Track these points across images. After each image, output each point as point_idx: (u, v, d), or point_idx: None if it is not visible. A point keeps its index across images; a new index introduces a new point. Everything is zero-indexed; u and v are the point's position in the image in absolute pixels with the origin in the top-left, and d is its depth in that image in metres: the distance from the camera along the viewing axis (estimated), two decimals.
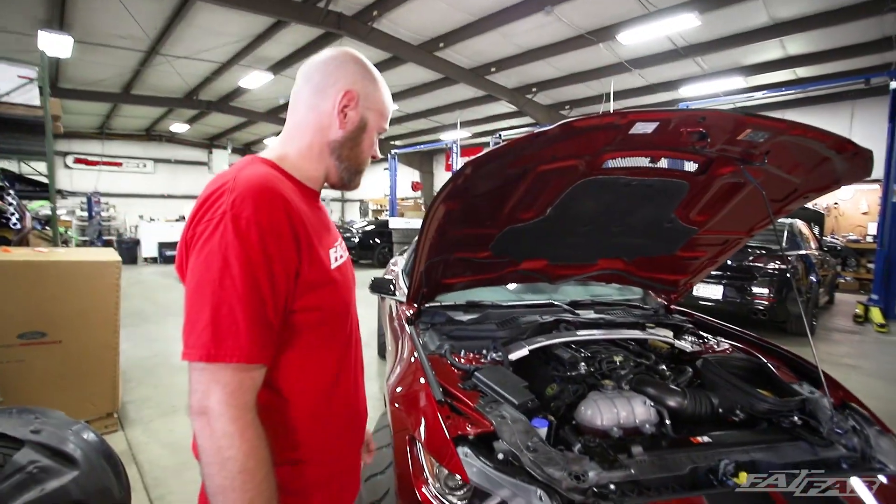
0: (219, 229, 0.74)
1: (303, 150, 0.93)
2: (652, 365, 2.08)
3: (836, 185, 1.78)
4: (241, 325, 0.73)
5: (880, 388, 4.35)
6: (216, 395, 0.72)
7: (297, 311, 0.83)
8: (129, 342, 5.18)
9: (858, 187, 10.69)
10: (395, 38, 9.19)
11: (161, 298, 8.14)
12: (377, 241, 13.58)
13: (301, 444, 0.87)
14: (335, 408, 0.94)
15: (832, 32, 8.09)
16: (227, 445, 0.71)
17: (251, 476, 0.72)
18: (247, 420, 0.73)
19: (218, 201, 0.76)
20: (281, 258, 0.77)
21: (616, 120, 1.39)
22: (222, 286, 0.73)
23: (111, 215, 17.56)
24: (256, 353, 0.75)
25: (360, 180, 1.02)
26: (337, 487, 0.96)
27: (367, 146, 0.98)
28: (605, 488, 1.30)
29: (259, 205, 0.76)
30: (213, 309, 0.72)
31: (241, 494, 0.71)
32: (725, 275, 5.89)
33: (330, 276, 0.89)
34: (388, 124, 1.02)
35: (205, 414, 0.72)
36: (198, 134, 19.82)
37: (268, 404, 0.82)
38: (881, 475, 1.45)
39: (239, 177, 0.79)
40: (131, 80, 12.22)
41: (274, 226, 0.77)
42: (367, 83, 0.95)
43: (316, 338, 0.88)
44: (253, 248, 0.74)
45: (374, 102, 0.96)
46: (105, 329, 3.07)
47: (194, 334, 0.73)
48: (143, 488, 2.54)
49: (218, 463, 0.71)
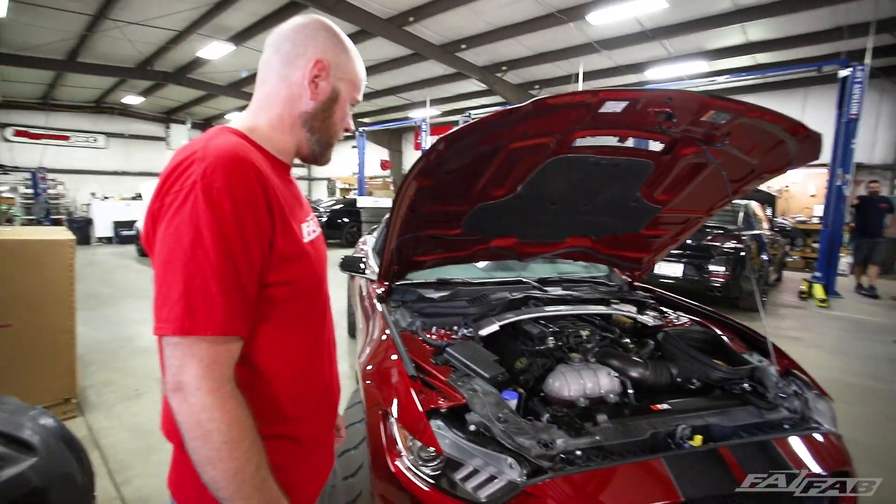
0: (189, 199, 0.71)
1: (273, 121, 0.91)
2: (616, 338, 2.17)
3: (788, 166, 1.88)
4: (216, 297, 0.71)
5: (820, 357, 4.69)
6: (191, 370, 0.70)
7: (271, 285, 0.81)
8: (86, 325, 4.96)
9: (807, 171, 11.26)
10: (363, 10, 8.89)
11: (118, 280, 7.80)
12: (345, 221, 13.39)
13: (275, 419, 0.87)
14: (310, 384, 0.94)
15: (789, 20, 8.38)
16: (208, 418, 0.70)
17: (237, 445, 0.71)
18: (225, 391, 0.72)
19: (187, 171, 0.74)
20: (255, 229, 0.76)
21: (587, 98, 1.41)
22: (194, 258, 0.70)
23: (60, 192, 16.54)
24: (232, 324, 0.73)
25: (331, 154, 1.00)
26: (312, 463, 0.96)
27: (340, 118, 0.96)
28: (571, 454, 1.37)
29: (231, 174, 0.74)
30: (185, 281, 0.70)
31: (229, 464, 0.71)
32: (685, 253, 6.14)
33: (303, 249, 0.87)
34: (361, 95, 0.99)
35: (181, 389, 0.70)
36: (154, 107, 18.72)
37: (243, 379, 0.81)
38: (816, 433, 1.58)
39: (209, 146, 0.76)
40: (77, 46, 11.35)
41: (247, 196, 0.75)
42: (339, 52, 0.92)
43: (290, 313, 0.87)
44: (226, 218, 0.72)
45: (345, 72, 0.94)
46: (60, 311, 2.93)
47: (166, 307, 0.70)
48: (108, 473, 2.48)
49: (201, 437, 0.70)
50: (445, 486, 1.34)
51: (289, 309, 0.86)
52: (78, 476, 1.64)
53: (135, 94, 16.19)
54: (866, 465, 2.70)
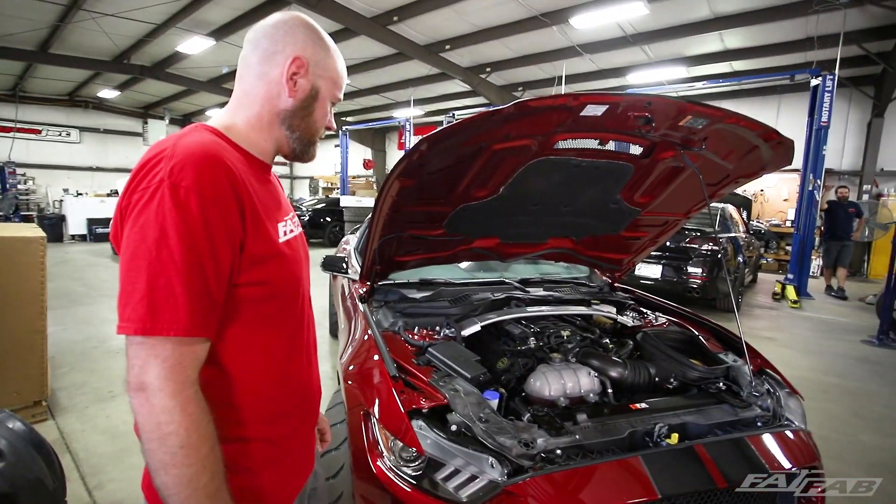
0: (155, 198, 0.70)
1: (251, 119, 0.89)
2: (596, 339, 2.21)
3: (762, 171, 1.93)
4: (180, 297, 0.70)
5: (791, 357, 4.84)
6: (154, 370, 0.69)
7: (241, 285, 0.80)
8: (58, 325, 4.82)
9: (781, 176, 11.60)
10: (347, 8, 8.83)
11: (92, 279, 7.58)
12: (328, 220, 13.26)
13: (248, 421, 0.86)
14: (285, 386, 0.92)
15: (764, 29, 8.63)
16: (167, 421, 0.68)
17: (194, 451, 0.70)
18: (187, 395, 0.71)
19: (155, 168, 0.73)
20: (224, 228, 0.74)
21: (569, 101, 1.43)
22: (159, 257, 0.69)
23: (30, 188, 15.98)
24: (196, 325, 0.72)
25: (315, 152, 0.99)
26: (287, 466, 0.94)
27: (320, 116, 0.95)
28: (552, 453, 1.38)
29: (200, 173, 0.73)
30: (148, 280, 0.69)
31: (184, 470, 0.69)
32: (664, 255, 6.27)
33: (277, 250, 0.86)
34: (342, 94, 0.98)
35: (143, 390, 0.69)
36: (130, 101, 18.22)
37: (213, 380, 0.80)
38: (787, 430, 1.63)
39: (179, 144, 0.75)
40: (49, 37, 10.98)
41: (216, 195, 0.74)
42: (318, 49, 0.91)
43: (263, 313, 0.85)
44: (192, 217, 0.71)
45: (325, 69, 0.92)
46: (30, 311, 2.83)
47: (129, 307, 0.69)
48: (80, 477, 2.41)
49: (157, 439, 0.69)
50: (427, 486, 1.34)
51: (262, 309, 0.85)
52: (48, 481, 1.59)
53: (110, 88, 15.72)
54: (834, 461, 2.81)
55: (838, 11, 7.37)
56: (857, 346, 5.32)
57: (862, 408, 3.65)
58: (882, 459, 2.87)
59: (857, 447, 3.02)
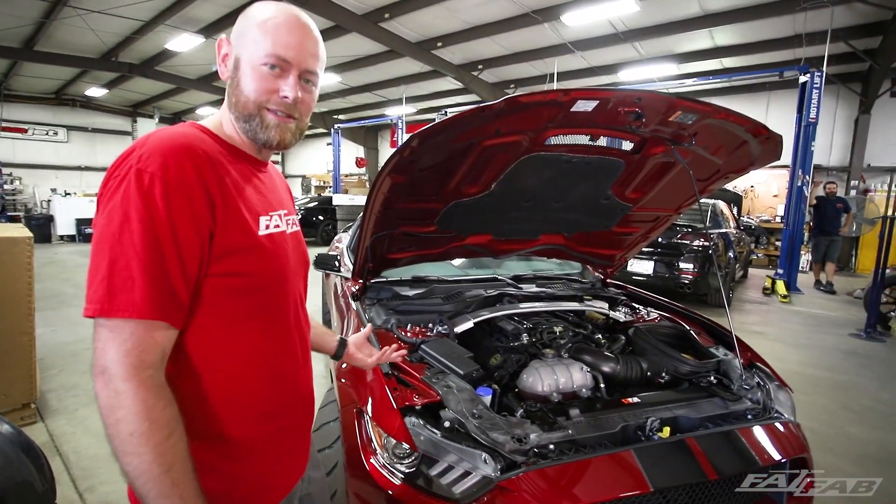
0: (122, 185, 0.72)
1: (225, 114, 0.90)
2: (589, 334, 2.22)
3: (751, 166, 1.95)
4: (137, 280, 0.70)
5: (781, 350, 4.89)
6: (111, 352, 0.69)
7: (213, 275, 0.79)
8: (47, 326, 4.76)
9: (770, 172, 11.72)
10: (338, 5, 8.77)
11: (81, 279, 7.46)
12: (320, 218, 13.21)
13: (226, 418, 0.84)
14: (269, 385, 0.90)
15: (753, 26, 8.70)
16: (118, 405, 0.68)
17: (145, 440, 0.68)
18: (140, 378, 0.69)
19: (127, 159, 0.75)
20: (190, 216, 0.74)
21: (559, 97, 1.43)
22: (121, 241, 0.70)
23: (17, 188, 15.75)
24: (152, 309, 0.71)
25: (271, 130, 0.86)
26: (271, 467, 0.92)
27: (249, 81, 0.83)
28: (545, 448, 1.39)
29: (166, 161, 0.74)
30: (109, 263, 0.70)
31: (133, 459, 0.68)
32: (656, 251, 6.31)
33: (255, 242, 0.84)
34: (281, 50, 0.83)
35: (103, 373, 0.69)
36: (119, 100, 17.98)
37: (187, 374, 0.79)
38: (777, 423, 1.65)
39: (153, 135, 0.77)
40: (34, 33, 10.81)
41: (181, 182, 0.74)
42: (247, 21, 0.84)
43: (241, 307, 0.84)
44: (154, 203, 0.72)
45: (250, 36, 0.83)
46: (17, 313, 2.79)
47: (91, 288, 0.71)
48: (70, 480, 2.38)
49: (111, 425, 0.68)
50: (421, 482, 1.34)
51: (240, 303, 0.84)
52: (37, 484, 1.57)
53: (98, 86, 15.50)
54: (822, 453, 2.85)
55: (826, 9, 7.44)
56: (845, 340, 5.39)
57: (850, 400, 3.70)
58: (869, 451, 2.91)
59: (846, 439, 3.07)
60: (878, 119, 10.32)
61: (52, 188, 15.55)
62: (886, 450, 2.93)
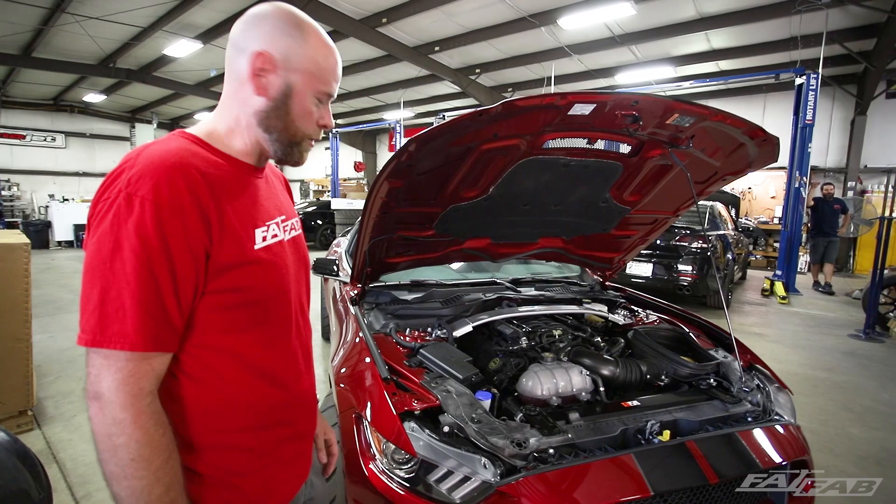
0: (112, 209, 0.70)
1: (230, 123, 0.86)
2: (588, 337, 2.21)
3: (749, 168, 1.95)
4: (129, 311, 0.69)
5: (780, 352, 4.89)
6: (107, 381, 0.69)
7: (210, 293, 0.78)
8: (44, 333, 4.74)
9: (768, 174, 11.74)
10: (335, 10, 8.79)
11: (79, 285, 7.39)
12: (319, 223, 13.21)
13: (226, 429, 0.83)
14: (269, 394, 0.89)
15: (748, 29, 8.74)
16: (118, 433, 0.68)
17: (146, 464, 0.69)
18: (139, 407, 0.70)
19: (117, 179, 0.73)
20: (184, 239, 0.72)
21: (556, 100, 1.43)
22: (112, 269, 0.69)
23: (14, 194, 15.72)
24: (145, 340, 0.70)
25: (302, 154, 0.91)
26: (272, 476, 0.91)
27: (300, 114, 0.85)
28: (544, 453, 1.38)
29: (157, 182, 0.71)
30: (101, 292, 0.69)
31: (135, 482, 0.69)
32: (654, 253, 6.31)
33: (253, 257, 0.82)
34: (333, 85, 0.88)
35: (98, 399, 0.69)
36: (117, 106, 17.99)
37: (185, 388, 0.79)
38: (777, 425, 1.65)
39: (143, 153, 0.75)
40: (32, 40, 10.82)
41: (174, 205, 0.71)
42: (289, 40, 0.82)
43: (239, 320, 0.83)
44: (146, 229, 0.69)
45: (300, 62, 0.82)
46: (13, 319, 2.78)
47: (84, 317, 0.70)
48: (67, 488, 2.36)
49: (109, 450, 0.69)
50: (420, 488, 1.33)
51: (237, 317, 0.82)
52: (33, 492, 1.55)
53: (96, 92, 15.51)
54: (823, 454, 2.84)
55: (820, 11, 7.48)
56: (844, 341, 5.39)
57: (850, 401, 3.70)
58: (870, 452, 2.91)
59: (846, 440, 3.06)
60: (874, 120, 10.37)
61: (50, 194, 15.52)
62: (887, 450, 2.93)
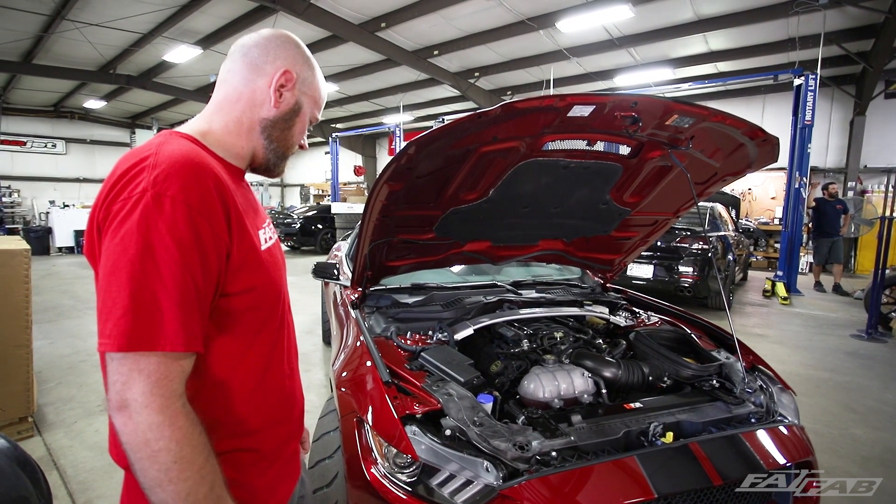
0: (138, 208, 0.68)
1: (230, 125, 0.89)
2: (589, 339, 2.20)
3: (748, 168, 1.95)
4: (167, 312, 0.68)
5: (783, 353, 4.88)
6: (138, 386, 0.66)
7: (228, 295, 0.79)
8: (45, 339, 4.74)
9: (768, 174, 11.75)
10: (335, 15, 8.83)
11: (79, 291, 7.47)
12: (319, 227, 13.20)
13: (236, 433, 0.84)
14: (269, 395, 0.91)
15: (746, 31, 8.77)
16: (156, 437, 0.66)
17: (189, 464, 0.68)
18: (175, 408, 0.69)
19: (137, 178, 0.70)
20: (212, 239, 0.73)
21: (555, 102, 1.43)
22: (143, 269, 0.67)
23: (15, 200, 15.75)
24: (184, 340, 0.70)
25: (284, 168, 1.00)
26: (276, 475, 0.93)
27: (299, 132, 0.96)
28: (547, 456, 1.37)
29: (187, 182, 0.71)
30: (132, 294, 0.66)
31: (181, 485, 0.67)
32: (655, 255, 6.30)
33: (261, 258, 0.85)
34: (320, 115, 1.01)
35: (126, 408, 0.66)
36: (117, 112, 18.05)
37: (200, 393, 0.78)
38: (781, 426, 1.64)
39: (161, 152, 0.73)
40: (33, 47, 10.86)
41: (204, 204, 0.72)
42: (306, 68, 0.94)
43: (249, 323, 0.84)
44: (180, 229, 0.69)
45: (310, 88, 0.95)
46: (14, 325, 2.78)
47: (111, 322, 0.66)
48: (68, 494, 2.35)
49: (148, 457, 0.66)
50: (422, 492, 1.32)
51: (247, 319, 0.84)
52: (34, 499, 1.54)
53: (97, 98, 15.57)
54: (827, 455, 2.82)
55: (818, 12, 7.50)
56: (846, 341, 5.37)
57: (853, 401, 3.68)
58: (874, 453, 2.89)
59: (850, 441, 3.05)
60: (873, 120, 10.38)
61: (51, 200, 15.56)
62: (892, 451, 2.91)
